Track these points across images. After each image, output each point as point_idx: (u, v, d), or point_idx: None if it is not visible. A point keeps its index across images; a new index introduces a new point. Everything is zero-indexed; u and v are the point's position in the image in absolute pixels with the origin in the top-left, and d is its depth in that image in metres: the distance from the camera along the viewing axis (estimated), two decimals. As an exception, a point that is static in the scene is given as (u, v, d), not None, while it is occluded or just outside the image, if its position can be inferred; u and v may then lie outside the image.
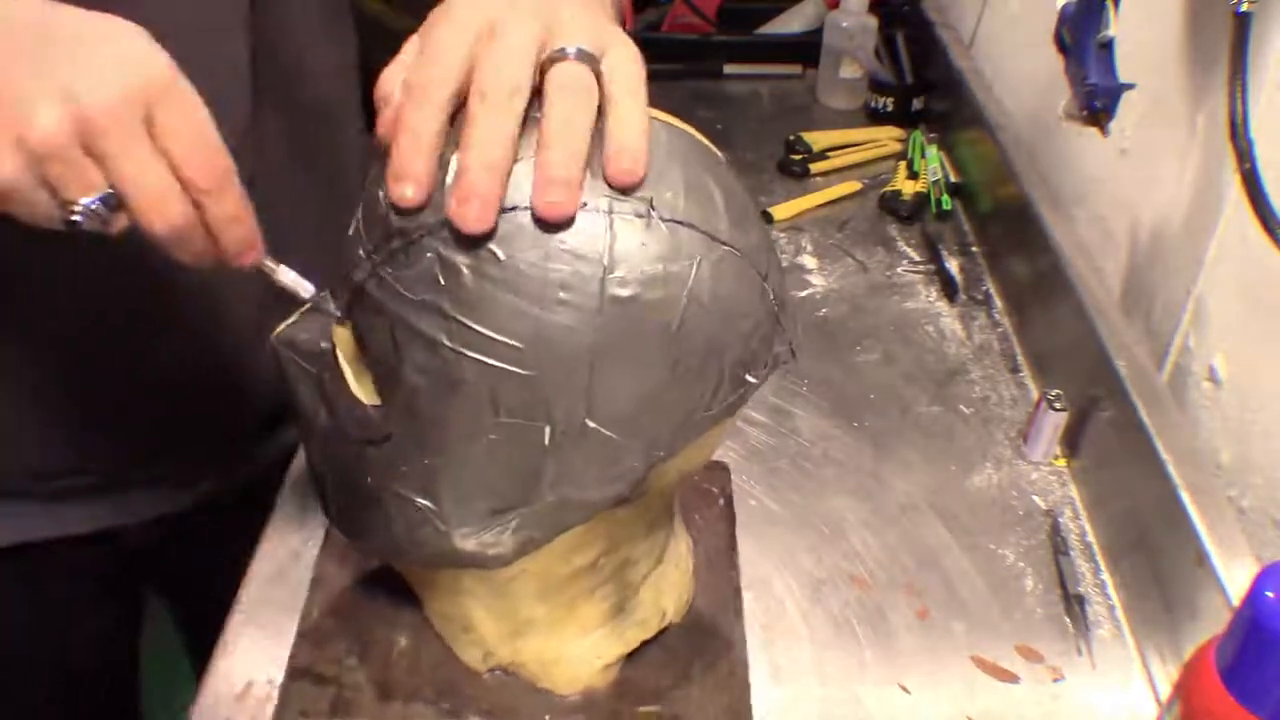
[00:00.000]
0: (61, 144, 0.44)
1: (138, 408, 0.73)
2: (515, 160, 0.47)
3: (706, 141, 0.53)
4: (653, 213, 0.47)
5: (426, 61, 0.48)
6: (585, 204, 0.47)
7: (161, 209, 0.46)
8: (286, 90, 0.72)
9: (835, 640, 0.71)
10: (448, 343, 0.48)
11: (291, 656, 0.64)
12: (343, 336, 0.53)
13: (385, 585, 0.65)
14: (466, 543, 0.53)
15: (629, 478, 0.51)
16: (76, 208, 0.46)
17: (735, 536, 0.74)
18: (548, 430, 0.49)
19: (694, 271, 0.48)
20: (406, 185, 0.47)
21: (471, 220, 0.46)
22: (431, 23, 0.50)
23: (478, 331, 0.47)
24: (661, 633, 0.65)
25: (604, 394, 0.48)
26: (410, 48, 0.50)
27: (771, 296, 0.52)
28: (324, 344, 0.54)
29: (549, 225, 0.46)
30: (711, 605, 0.68)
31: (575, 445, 0.50)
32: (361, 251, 0.50)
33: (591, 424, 0.49)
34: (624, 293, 0.47)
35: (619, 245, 0.47)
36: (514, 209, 0.47)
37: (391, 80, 0.50)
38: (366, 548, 0.59)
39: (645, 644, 0.64)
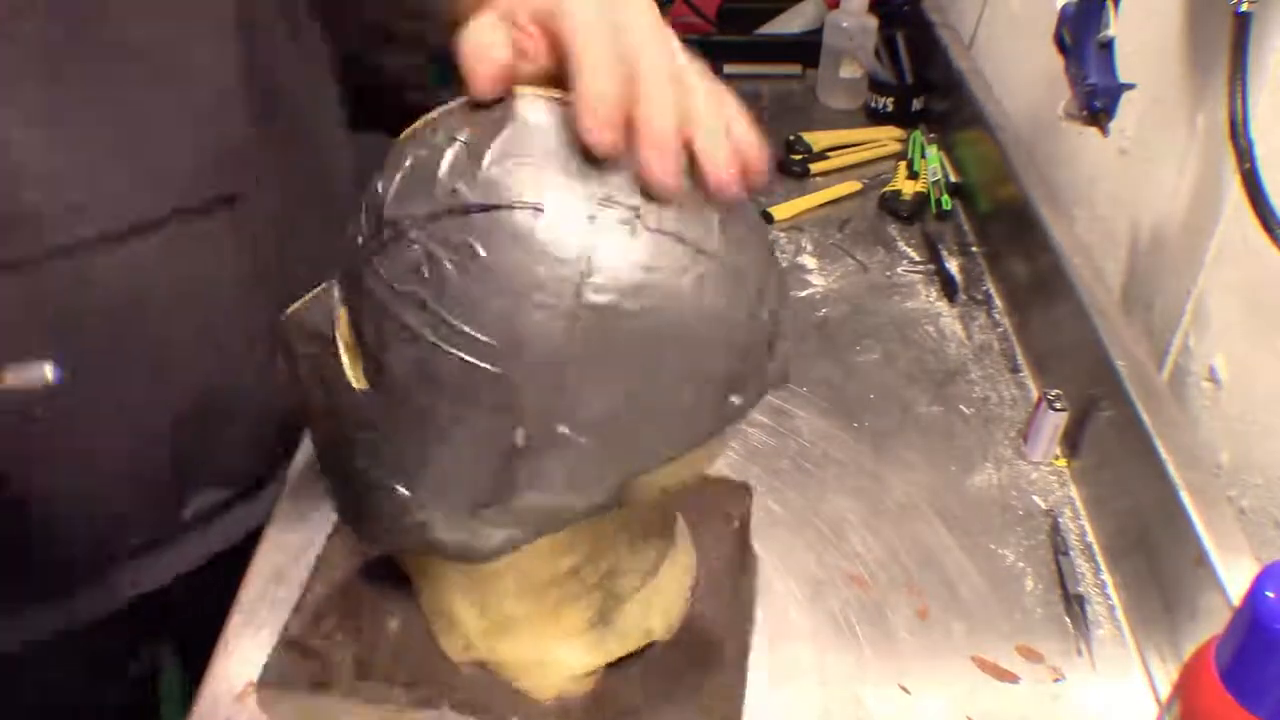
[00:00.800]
0: None
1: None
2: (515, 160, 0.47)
3: None
4: (637, 221, 0.47)
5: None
6: (569, 207, 0.47)
7: None
8: (272, 99, 0.72)
9: (835, 640, 0.71)
10: (428, 335, 0.48)
11: (285, 627, 0.64)
12: (344, 321, 0.54)
13: (386, 570, 0.65)
14: (445, 534, 0.53)
15: (604, 488, 0.51)
16: None
17: (747, 561, 0.71)
18: (520, 431, 0.49)
19: (676, 284, 0.47)
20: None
21: (671, 175, 0.47)
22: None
23: (456, 327, 0.48)
24: (647, 649, 0.63)
25: (577, 400, 0.48)
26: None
27: (765, 318, 0.51)
28: (325, 328, 0.54)
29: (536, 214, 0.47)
30: (707, 629, 0.65)
31: (547, 449, 0.49)
32: (360, 239, 0.51)
33: (563, 429, 0.48)
34: (600, 299, 0.47)
35: (599, 251, 0.46)
36: (498, 206, 0.47)
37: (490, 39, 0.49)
38: (357, 531, 0.59)
39: (629, 659, 0.63)
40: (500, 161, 0.48)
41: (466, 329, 0.47)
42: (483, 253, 0.47)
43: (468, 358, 0.48)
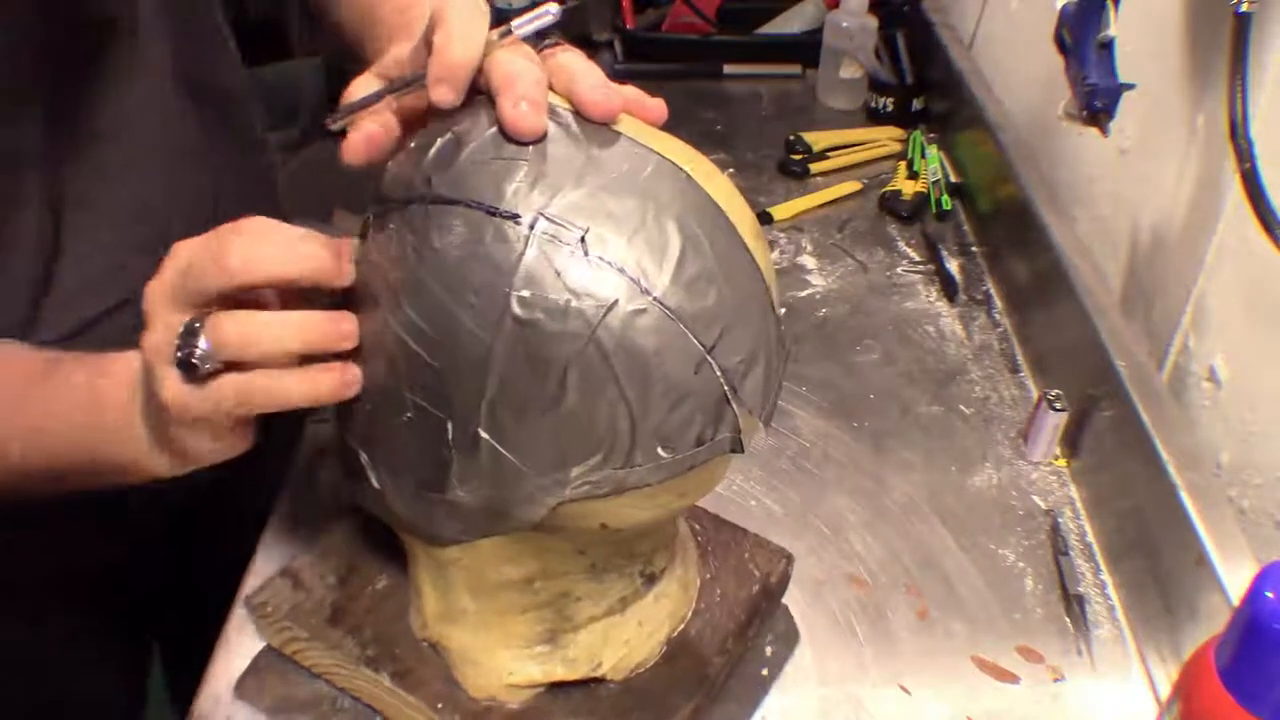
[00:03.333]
0: None
1: None
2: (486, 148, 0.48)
3: (720, 192, 0.51)
4: (580, 244, 0.46)
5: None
6: (517, 215, 0.47)
7: None
8: (224, 112, 0.76)
9: (835, 640, 0.71)
10: (387, 309, 0.49)
11: (293, 557, 0.67)
12: None
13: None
14: (399, 507, 0.54)
15: (531, 505, 0.50)
16: None
17: (749, 628, 0.66)
18: (449, 426, 0.49)
19: (602, 315, 0.46)
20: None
21: (530, 121, 0.48)
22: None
23: (405, 310, 0.48)
24: (598, 682, 0.62)
25: (496, 408, 0.48)
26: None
27: (718, 372, 0.48)
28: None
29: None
30: (670, 680, 0.62)
31: (472, 451, 0.49)
32: (368, 212, 0.52)
33: (484, 435, 0.48)
34: (524, 314, 0.46)
35: (531, 265, 0.46)
36: (456, 202, 0.48)
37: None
38: (344, 488, 0.59)
39: (577, 685, 0.61)
40: (474, 159, 0.48)
41: (413, 315, 0.48)
42: (436, 245, 0.48)
43: (411, 343, 0.49)
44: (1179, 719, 0.54)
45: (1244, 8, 0.70)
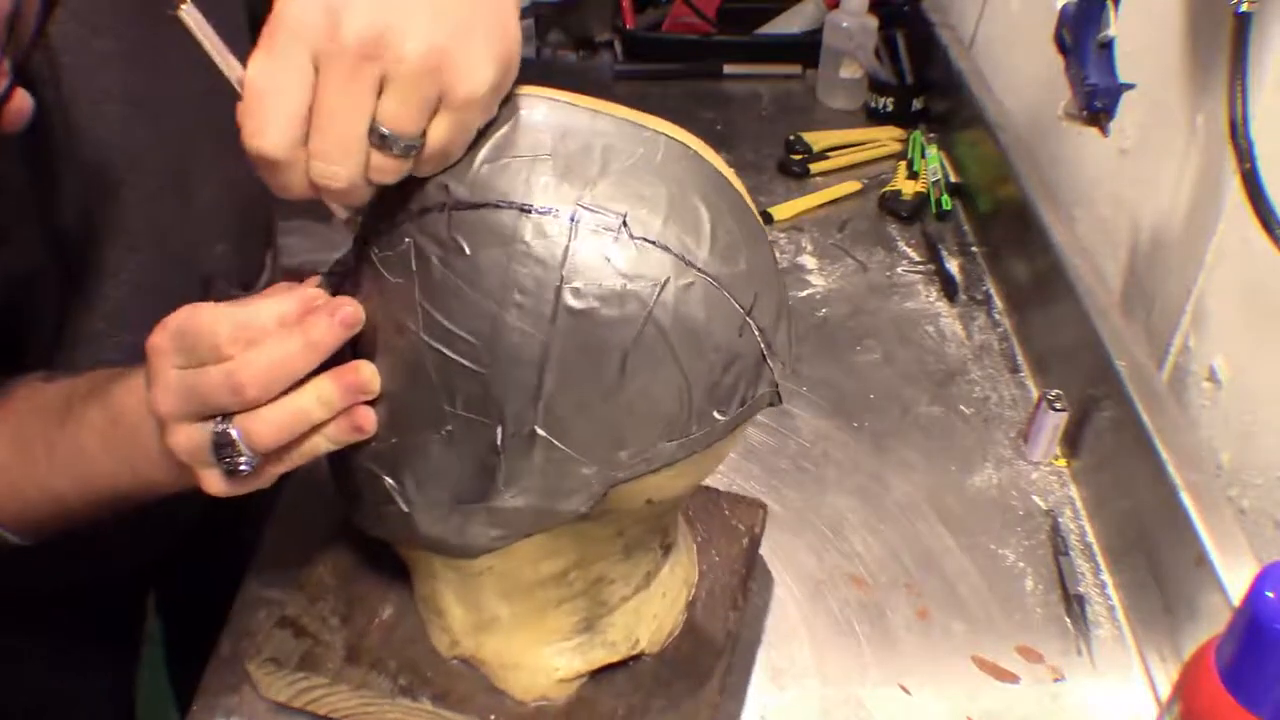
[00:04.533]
0: None
1: None
2: (502, 159, 0.47)
3: (720, 164, 0.52)
4: (623, 229, 0.47)
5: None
6: (554, 209, 0.47)
7: None
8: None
9: (835, 640, 0.71)
10: (413, 327, 0.49)
11: (283, 605, 0.65)
12: None
13: (388, 558, 0.65)
14: (429, 528, 0.54)
15: (584, 493, 0.51)
16: None
17: (749, 580, 0.69)
18: (499, 431, 0.49)
19: (657, 294, 0.47)
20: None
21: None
22: None
23: (439, 321, 0.48)
24: (635, 659, 0.63)
25: (553, 403, 0.48)
26: None
27: (756, 333, 0.50)
28: None
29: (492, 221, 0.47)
30: (696, 644, 0.65)
31: (525, 450, 0.49)
32: (364, 229, 0.51)
33: (541, 432, 0.49)
34: (578, 304, 0.47)
35: (579, 255, 0.46)
36: (484, 205, 0.47)
37: None
38: (350, 514, 0.59)
39: (615, 667, 0.62)
40: (492, 160, 0.48)
41: (449, 325, 0.48)
42: (467, 250, 0.47)
43: (449, 353, 0.48)
44: (1179, 719, 0.54)
45: (1244, 8, 0.70)
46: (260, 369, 0.47)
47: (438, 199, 0.48)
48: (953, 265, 1.08)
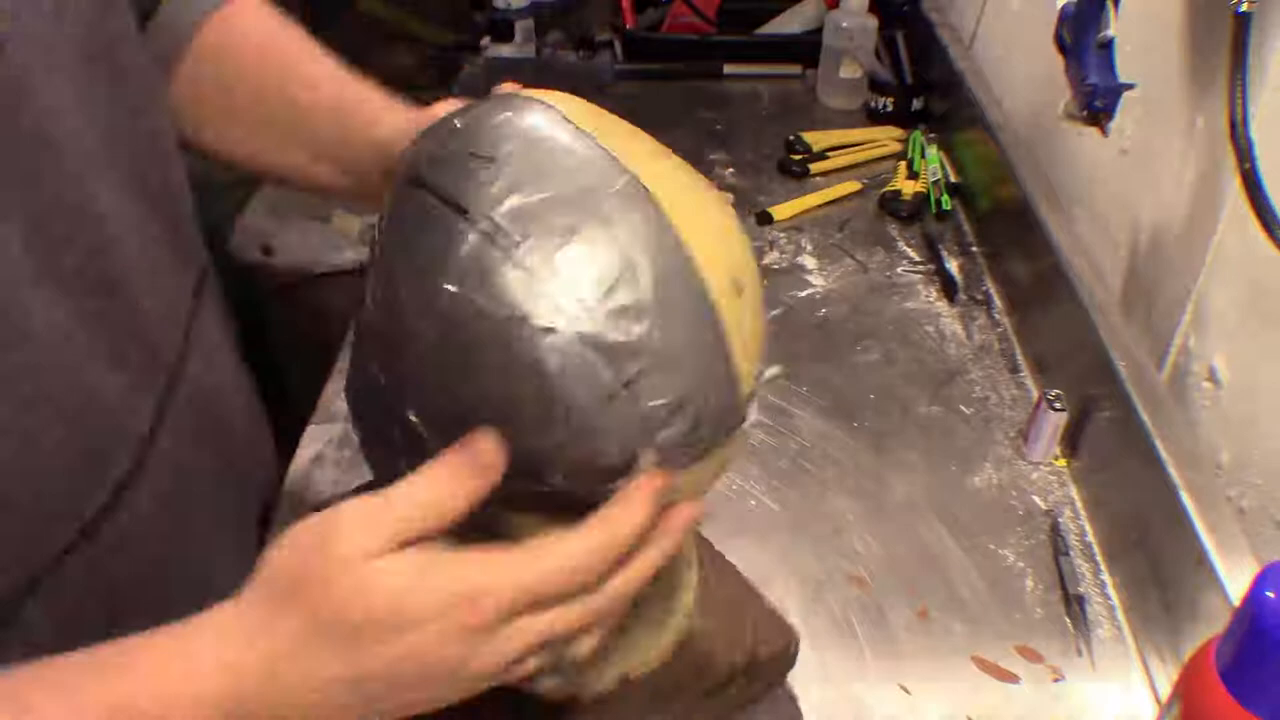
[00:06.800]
0: None
1: None
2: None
3: (692, 237, 0.47)
4: (515, 249, 0.45)
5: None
6: (466, 210, 0.46)
7: None
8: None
9: (835, 640, 0.71)
10: (378, 280, 0.50)
11: None
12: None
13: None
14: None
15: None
16: None
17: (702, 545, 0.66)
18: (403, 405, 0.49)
19: (511, 328, 0.45)
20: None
21: None
22: None
23: (389, 279, 0.49)
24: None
25: (424, 386, 0.48)
26: None
27: (632, 410, 0.45)
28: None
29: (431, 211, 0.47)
30: (709, 616, 0.62)
31: (413, 431, 0.49)
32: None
33: (411, 416, 0.48)
34: (449, 306, 0.46)
35: (464, 260, 0.46)
36: (433, 190, 0.48)
37: None
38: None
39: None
40: (459, 151, 0.49)
41: (394, 286, 0.49)
42: (409, 228, 0.48)
43: (369, 305, 0.50)
44: (1179, 719, 0.54)
45: (1244, 8, 0.70)
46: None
47: (414, 173, 0.49)
48: (953, 265, 1.08)
